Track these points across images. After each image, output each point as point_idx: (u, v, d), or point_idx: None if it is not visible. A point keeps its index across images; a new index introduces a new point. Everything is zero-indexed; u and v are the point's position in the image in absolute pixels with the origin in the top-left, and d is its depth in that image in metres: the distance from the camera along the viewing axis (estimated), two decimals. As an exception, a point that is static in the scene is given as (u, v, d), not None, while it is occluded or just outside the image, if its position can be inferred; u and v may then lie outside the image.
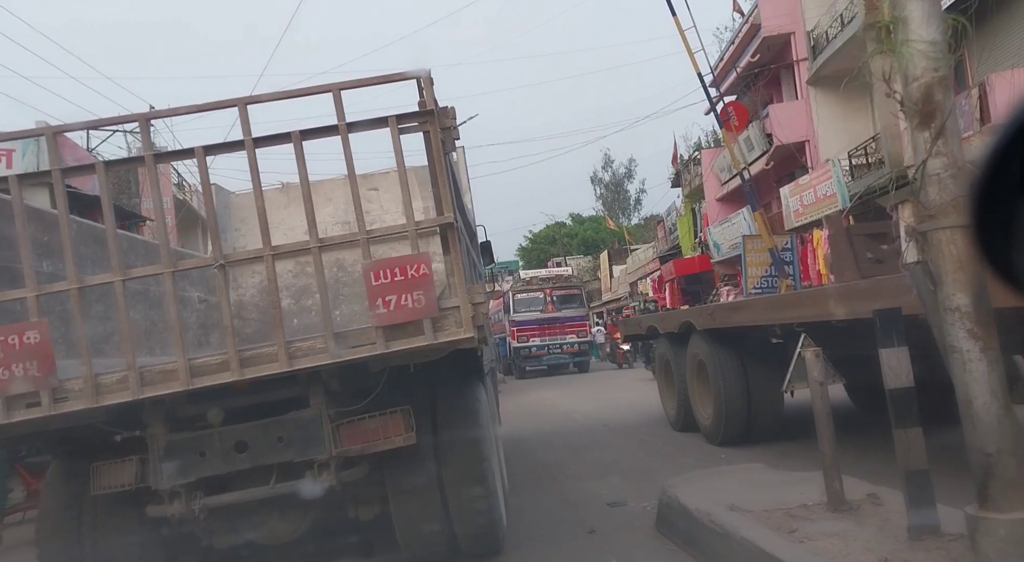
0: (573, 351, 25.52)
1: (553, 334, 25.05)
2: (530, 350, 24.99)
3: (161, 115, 4.34)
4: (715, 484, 5.62)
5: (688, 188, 33.65)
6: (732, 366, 8.37)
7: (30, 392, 4.13)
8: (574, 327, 25.41)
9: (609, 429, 11.56)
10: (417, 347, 4.24)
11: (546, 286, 25.64)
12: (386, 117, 4.31)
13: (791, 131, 21.91)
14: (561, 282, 26.27)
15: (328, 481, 4.58)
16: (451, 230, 4.36)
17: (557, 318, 24.99)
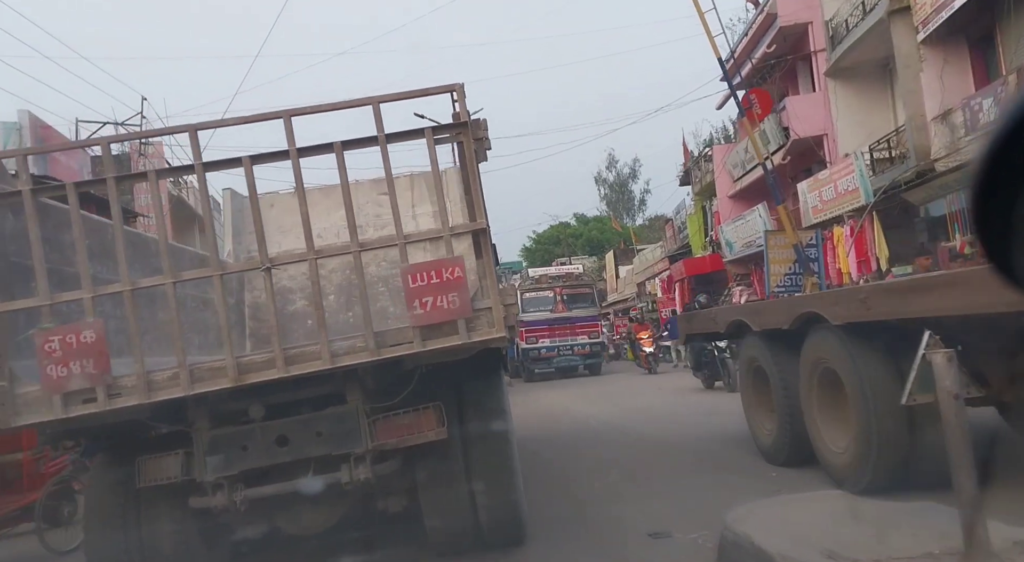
0: (584, 353, 24.16)
1: (563, 335, 23.67)
2: (539, 352, 23.61)
3: (207, 126, 4.57)
4: (791, 516, 4.67)
5: (699, 186, 32.43)
6: (884, 377, 5.70)
7: (86, 388, 4.36)
8: (585, 328, 24.01)
9: (632, 439, 10.29)
10: (452, 346, 4.49)
11: (556, 284, 24.29)
12: (422, 128, 4.57)
13: (809, 124, 20.95)
14: (572, 280, 24.88)
15: (363, 474, 4.83)
16: (484, 235, 4.61)
17: (568, 318, 23.67)
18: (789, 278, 17.20)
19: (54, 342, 4.32)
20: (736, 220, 25.82)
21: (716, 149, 30.34)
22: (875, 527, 4.21)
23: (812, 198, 19.96)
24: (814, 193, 19.85)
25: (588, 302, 24.65)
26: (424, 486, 5.22)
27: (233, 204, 9.82)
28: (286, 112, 4.52)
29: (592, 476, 7.90)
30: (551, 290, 23.93)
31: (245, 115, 4.57)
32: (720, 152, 29.33)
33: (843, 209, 18.05)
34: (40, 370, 4.31)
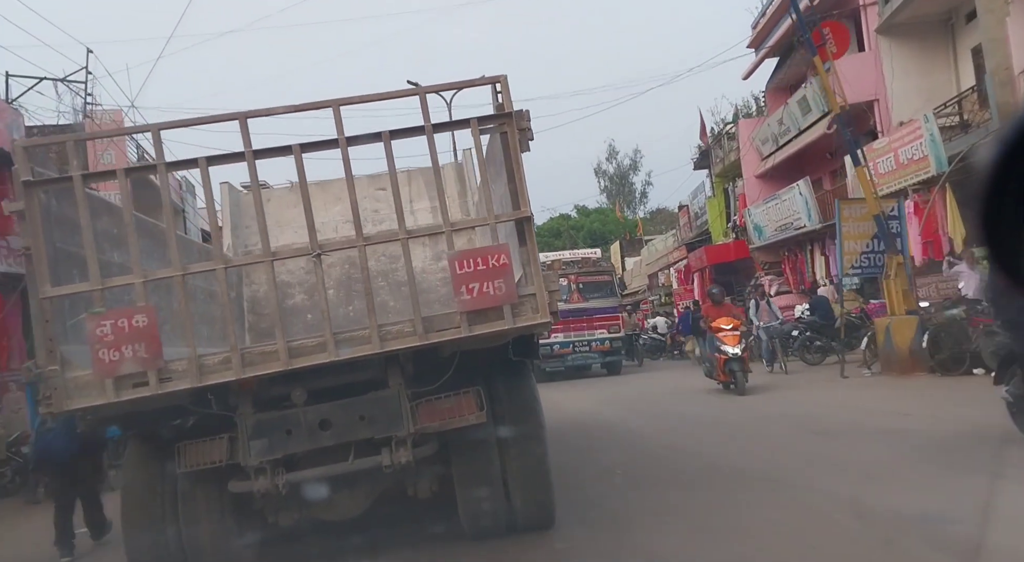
0: (603, 349, 20.98)
1: (579, 329, 20.62)
2: (552, 348, 20.30)
3: (258, 114, 4.63)
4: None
5: (720, 166, 29.26)
6: None
7: (138, 372, 4.41)
8: (604, 320, 20.89)
9: (695, 462, 7.90)
10: (498, 331, 4.64)
11: (571, 271, 21.01)
12: (468, 119, 4.71)
13: (857, 89, 17.88)
14: (589, 266, 21.69)
15: (404, 457, 4.94)
16: (528, 223, 4.76)
17: (584, 309, 20.60)
18: (867, 257, 14.27)
19: (106, 327, 4.36)
20: (768, 201, 22.96)
21: (742, 124, 27.19)
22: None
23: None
24: (868, 165, 16.79)
25: (607, 291, 21.53)
26: (460, 470, 5.34)
27: (230, 198, 9.83)
28: (334, 101, 4.63)
29: (660, 516, 5.88)
30: (565, 278, 20.70)
31: (295, 104, 4.65)
32: (747, 127, 26.30)
33: (906, 182, 15.72)
34: (92, 354, 4.36)
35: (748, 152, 25.60)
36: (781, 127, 22.59)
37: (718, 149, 29.89)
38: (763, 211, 23.45)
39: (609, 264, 24.00)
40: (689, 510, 5.97)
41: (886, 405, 10.27)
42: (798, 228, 21.29)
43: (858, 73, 18.44)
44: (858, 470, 6.60)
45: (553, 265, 20.53)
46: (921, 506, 5.23)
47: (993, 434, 6.98)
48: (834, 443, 8.06)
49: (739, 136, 26.57)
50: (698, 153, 32.67)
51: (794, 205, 21.15)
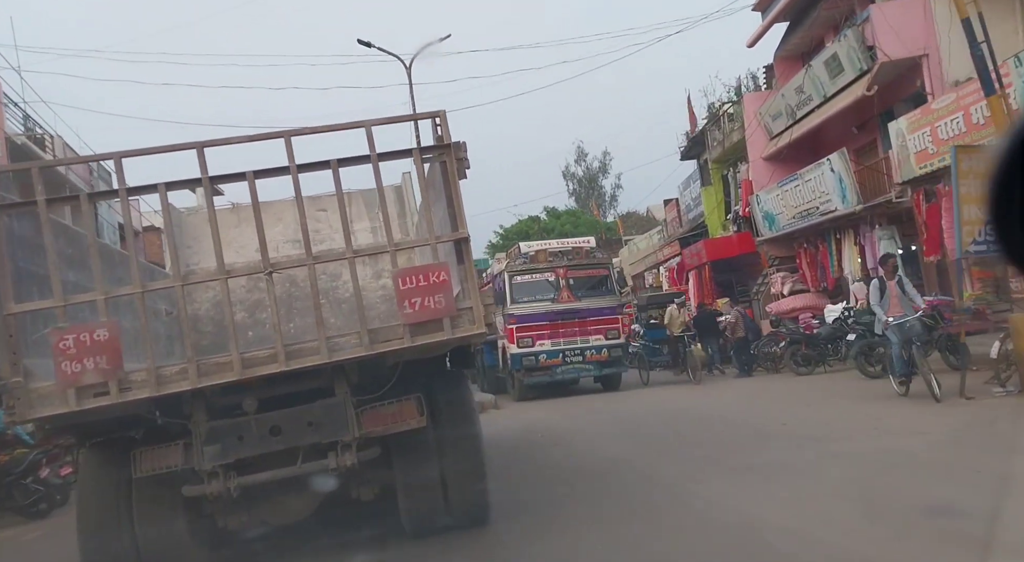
0: (600, 359, 17.26)
1: (570, 334, 17.08)
2: (537, 358, 16.93)
3: (215, 143, 5.00)
4: None
5: (719, 149, 25.47)
6: None
7: (99, 383, 4.71)
8: (601, 324, 17.26)
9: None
10: (438, 341, 5.09)
11: (559, 264, 17.39)
12: (411, 149, 5.17)
13: (903, 42, 15.21)
14: (581, 258, 17.72)
15: (349, 460, 5.33)
16: (465, 243, 5.23)
17: (576, 311, 17.12)
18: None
19: (68, 340, 4.65)
20: (784, 184, 19.49)
21: (748, 98, 23.46)
22: None
23: (916, 140, 14.23)
24: (920, 133, 14.16)
25: (604, 288, 17.89)
26: (401, 472, 5.74)
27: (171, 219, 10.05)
28: (286, 132, 5.03)
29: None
30: (552, 272, 17.29)
31: (249, 134, 5.04)
32: (753, 102, 22.51)
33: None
34: (55, 366, 4.64)
35: (755, 131, 21.91)
36: (800, 96, 19.13)
37: (715, 131, 26.09)
38: (777, 196, 19.85)
39: (605, 255, 19.49)
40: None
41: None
42: (826, 213, 17.70)
43: (905, 22, 15.40)
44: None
45: (537, 256, 17.54)
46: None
47: None
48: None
49: (744, 113, 22.76)
50: (686, 141, 29.33)
51: (822, 185, 17.54)
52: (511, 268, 17.57)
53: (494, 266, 20.18)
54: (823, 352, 14.95)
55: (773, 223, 20.47)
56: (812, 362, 14.92)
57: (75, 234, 5.94)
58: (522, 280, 17.34)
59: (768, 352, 16.58)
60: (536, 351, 17.00)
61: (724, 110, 26.07)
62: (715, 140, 26.05)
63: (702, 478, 6.84)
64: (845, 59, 16.70)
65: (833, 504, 5.53)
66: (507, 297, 17.15)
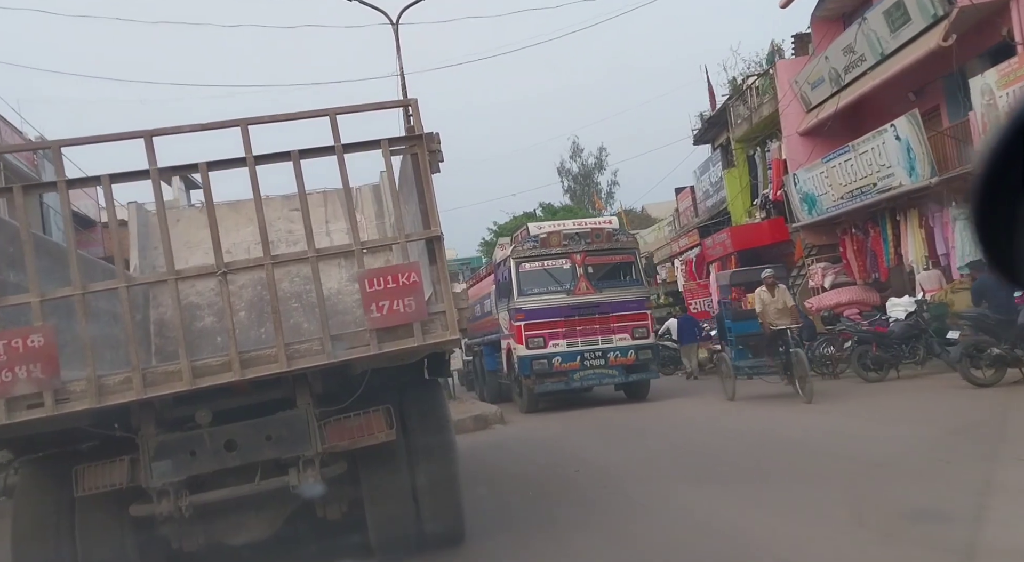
0: (626, 362, 14.49)
1: (590, 333, 14.44)
2: (549, 361, 14.33)
3: (164, 132, 4.59)
4: None
5: (745, 127, 22.56)
6: None
7: (32, 393, 4.28)
8: (626, 321, 14.58)
9: None
10: (408, 348, 4.68)
11: (576, 248, 14.65)
12: (379, 140, 4.77)
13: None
14: (602, 241, 14.89)
15: (312, 477, 4.91)
16: (438, 242, 4.84)
17: (596, 305, 14.50)
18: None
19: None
20: (831, 159, 16.73)
21: (781, 66, 20.51)
22: None
23: (1008, 96, 12.28)
24: (1015, 87, 12.08)
25: (630, 278, 15.12)
26: (370, 489, 5.33)
27: (139, 218, 9.60)
28: (243, 121, 4.63)
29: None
30: (568, 258, 14.65)
31: (202, 122, 4.63)
32: (789, 69, 19.96)
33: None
34: (-17, 375, 4.20)
35: (789, 104, 19.58)
36: (849, 57, 16.54)
37: (739, 107, 23.22)
38: (820, 174, 17.18)
39: (631, 237, 16.43)
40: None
41: None
42: (885, 190, 15.16)
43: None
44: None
45: (549, 239, 14.78)
46: None
47: None
48: None
49: (777, 82, 20.28)
50: (701, 123, 26.85)
51: (882, 156, 14.88)
52: (518, 254, 14.81)
53: (497, 252, 17.29)
54: (897, 353, 12.75)
55: (814, 206, 17.81)
56: (884, 365, 12.70)
57: (15, 230, 5.50)
58: (531, 268, 14.71)
59: (825, 354, 14.20)
60: (549, 353, 14.37)
61: (751, 83, 22.73)
62: (739, 117, 23.18)
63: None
64: (913, 6, 14.33)
65: None
66: (513, 288, 14.58)
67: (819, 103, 18.44)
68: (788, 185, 19.04)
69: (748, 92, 22.70)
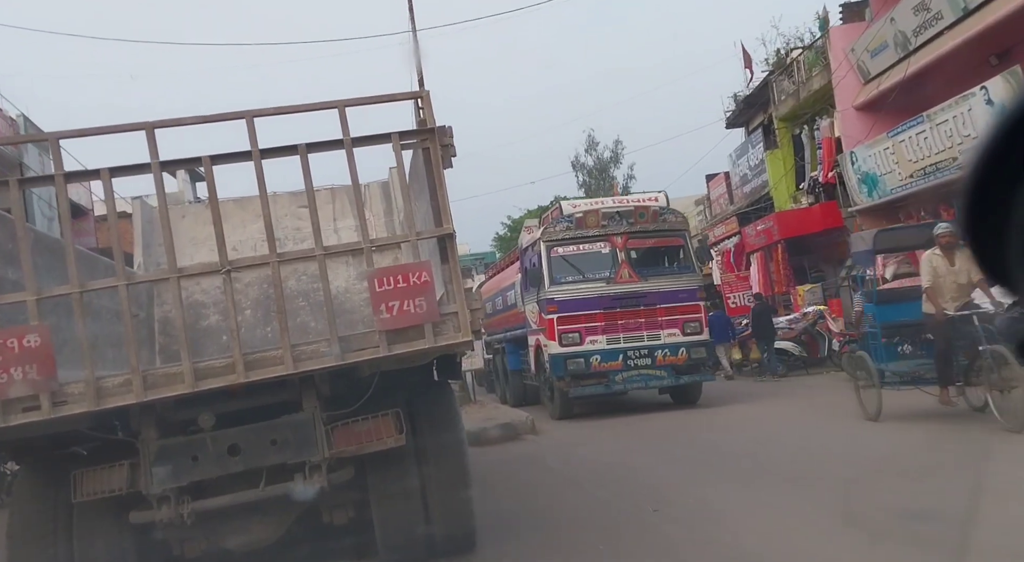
0: (676, 362, 12.59)
1: (634, 327, 12.54)
2: (587, 360, 12.44)
3: (166, 124, 4.41)
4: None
5: (790, 103, 20.62)
6: None
7: (28, 396, 4.11)
8: (678, 313, 12.71)
9: None
10: (418, 350, 4.49)
11: (617, 230, 12.80)
12: (389, 133, 4.58)
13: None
14: (647, 221, 13.04)
15: (319, 483, 4.73)
16: (450, 240, 4.65)
17: (642, 294, 12.62)
18: None
19: (-7, 347, 4.05)
20: (897, 132, 14.74)
21: (836, 32, 18.57)
22: None
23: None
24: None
25: (679, 264, 13.33)
26: (378, 496, 5.15)
27: (143, 214, 9.45)
28: (249, 113, 4.45)
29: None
30: (607, 241, 12.79)
31: (204, 114, 4.45)
32: (843, 37, 17.92)
33: None
34: (-24, 377, 4.03)
35: (845, 76, 17.71)
36: (922, 16, 14.60)
37: (784, 82, 21.23)
38: (885, 151, 15.29)
39: (680, 216, 14.21)
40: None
41: None
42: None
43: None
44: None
45: (586, 219, 12.93)
46: None
47: None
48: None
49: (830, 51, 18.35)
50: (734, 105, 24.84)
51: (968, 126, 12.97)
52: (550, 236, 12.93)
53: (524, 236, 15.14)
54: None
55: (875, 187, 15.88)
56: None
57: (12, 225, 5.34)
58: (565, 253, 12.87)
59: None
60: (586, 351, 12.43)
61: (797, 56, 20.73)
62: (783, 93, 21.09)
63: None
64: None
65: None
66: (544, 276, 12.76)
67: (880, 72, 16.37)
68: (843, 165, 17.12)
69: (794, 66, 20.65)
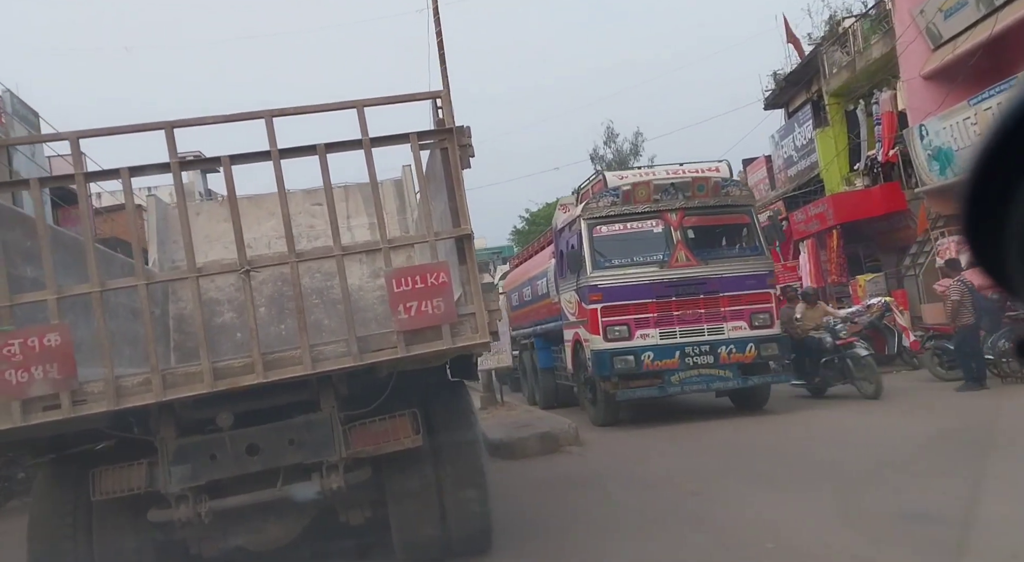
0: (744, 360, 10.76)
1: (693, 319, 10.72)
2: (638, 358, 10.61)
3: (186, 124, 4.42)
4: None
5: (844, 76, 19.03)
6: None
7: (49, 394, 4.12)
8: (744, 302, 10.85)
9: None
10: (436, 351, 4.49)
11: (672, 205, 10.99)
12: (407, 133, 4.57)
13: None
14: (708, 195, 11.19)
15: (336, 483, 4.73)
16: (468, 241, 4.64)
17: (702, 281, 10.80)
18: None
19: (14, 346, 4.07)
20: (979, 99, 13.07)
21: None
22: None
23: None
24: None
25: (745, 244, 11.44)
26: (394, 495, 5.15)
27: (158, 211, 9.48)
28: (268, 112, 4.45)
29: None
30: (660, 218, 10.98)
31: (224, 114, 4.45)
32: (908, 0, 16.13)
33: None
34: (-3, 375, 4.05)
35: (912, 42, 15.90)
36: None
37: (836, 53, 19.55)
38: (965, 122, 13.40)
39: (746, 189, 12.50)
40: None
41: None
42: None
43: None
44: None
45: (635, 192, 11.08)
46: None
47: None
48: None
49: (895, 14, 16.50)
50: (773, 85, 23.08)
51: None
52: (592, 213, 11.14)
53: (559, 215, 13.22)
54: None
55: (949, 164, 14.16)
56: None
57: (32, 223, 5.36)
58: (610, 232, 11.04)
59: (1004, 351, 10.34)
60: (636, 347, 10.59)
61: (850, 25, 19.09)
62: (835, 65, 19.33)
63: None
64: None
65: None
66: (586, 260, 10.99)
67: (955, 35, 14.51)
68: (911, 140, 15.24)
69: (848, 35, 18.90)
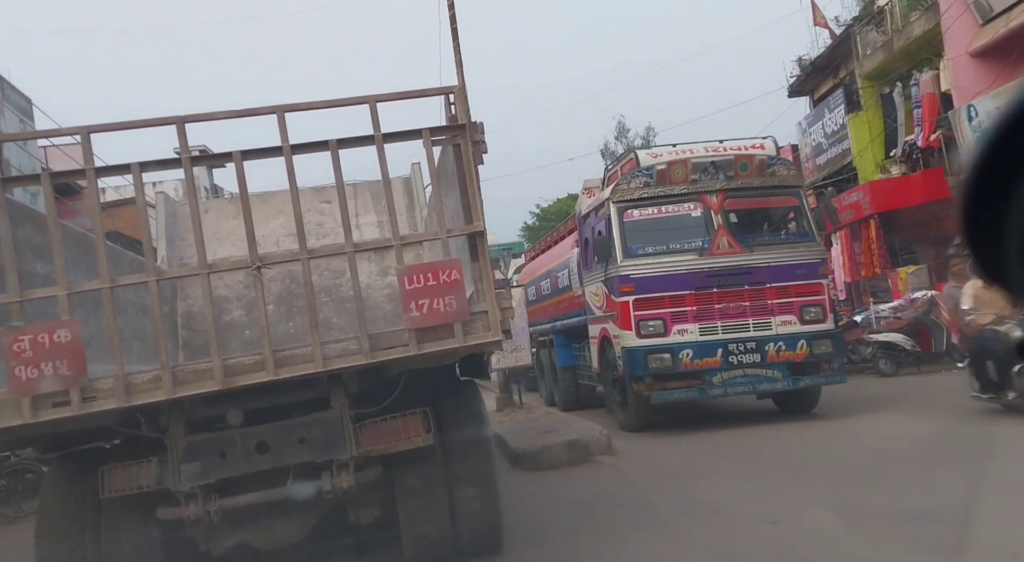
0: (794, 357, 9.47)
1: (737, 313, 9.53)
2: (676, 356, 9.38)
3: (198, 119, 4.39)
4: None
5: (880, 57, 17.93)
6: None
7: (58, 391, 4.10)
8: (794, 294, 9.62)
9: None
10: (448, 349, 4.45)
11: (712, 186, 9.87)
12: (420, 129, 4.53)
13: None
14: (751, 174, 9.99)
15: (346, 481, 4.70)
16: (481, 238, 4.59)
17: (747, 270, 9.64)
18: None
19: (24, 342, 4.04)
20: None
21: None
22: None
23: None
24: None
25: (794, 230, 10.47)
26: (404, 494, 5.11)
27: (166, 209, 9.46)
28: (280, 108, 4.41)
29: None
30: (699, 201, 9.89)
31: (236, 109, 4.42)
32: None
33: None
34: (8, 371, 4.03)
35: (960, 15, 14.82)
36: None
37: (871, 33, 18.43)
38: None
39: (793, 169, 11.14)
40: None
41: None
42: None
43: None
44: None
45: (671, 172, 9.96)
46: None
47: None
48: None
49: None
50: (798, 70, 22.03)
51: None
52: (622, 195, 10.03)
53: (583, 200, 12.31)
54: None
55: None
56: None
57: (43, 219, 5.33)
58: (643, 216, 9.96)
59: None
60: (673, 344, 9.46)
61: (888, 2, 17.87)
62: (869, 46, 18.12)
63: None
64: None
65: None
66: (616, 247, 9.93)
67: (1007, 8, 13.42)
68: (957, 122, 14.02)
69: (884, 13, 17.80)
